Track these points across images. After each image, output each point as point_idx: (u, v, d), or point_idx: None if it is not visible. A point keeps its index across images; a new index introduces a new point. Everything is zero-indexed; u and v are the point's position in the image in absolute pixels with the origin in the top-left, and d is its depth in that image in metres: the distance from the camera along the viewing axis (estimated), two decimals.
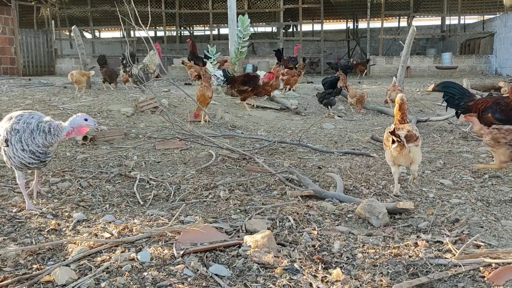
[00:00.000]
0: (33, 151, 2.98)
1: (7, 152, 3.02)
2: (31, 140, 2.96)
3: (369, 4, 18.51)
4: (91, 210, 3.17)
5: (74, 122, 3.04)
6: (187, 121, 6.37)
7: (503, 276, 2.17)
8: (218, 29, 25.52)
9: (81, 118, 3.05)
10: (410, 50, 9.32)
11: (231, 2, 12.90)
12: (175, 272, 2.16)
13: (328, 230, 2.81)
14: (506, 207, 3.33)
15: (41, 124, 2.99)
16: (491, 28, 18.50)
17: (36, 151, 2.99)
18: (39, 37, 19.29)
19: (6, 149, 3.01)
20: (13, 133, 2.96)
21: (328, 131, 6.74)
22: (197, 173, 4.18)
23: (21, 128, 2.96)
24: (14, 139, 2.96)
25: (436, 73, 17.74)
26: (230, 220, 2.96)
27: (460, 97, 5.61)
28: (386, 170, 4.41)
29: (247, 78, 8.26)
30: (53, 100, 8.10)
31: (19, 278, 2.08)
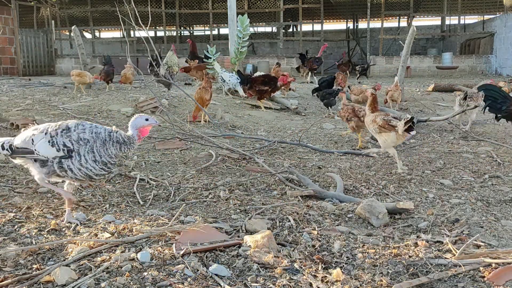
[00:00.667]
0: (105, 162, 2.87)
1: (65, 163, 2.80)
2: (104, 150, 2.85)
3: (369, 4, 18.50)
4: (91, 210, 3.17)
5: (136, 124, 2.98)
6: (187, 121, 6.37)
7: (503, 276, 2.17)
8: (218, 29, 25.52)
9: (141, 119, 2.99)
10: (410, 50, 9.32)
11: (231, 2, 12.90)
12: (175, 272, 2.16)
13: (328, 230, 2.81)
14: (506, 207, 3.33)
15: (113, 134, 2.89)
16: (491, 28, 18.50)
17: (108, 162, 2.89)
18: (39, 37, 19.28)
19: (65, 161, 2.80)
20: (81, 143, 2.80)
21: (328, 131, 6.74)
22: (197, 173, 4.18)
23: (91, 138, 2.82)
24: (83, 149, 2.80)
25: (436, 73, 17.74)
26: (230, 220, 2.96)
27: (503, 101, 5.48)
28: (386, 170, 4.41)
29: (268, 78, 8.40)
30: (53, 100, 8.10)
31: (19, 278, 2.08)
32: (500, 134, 6.30)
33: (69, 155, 2.80)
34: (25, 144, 2.83)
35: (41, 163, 2.84)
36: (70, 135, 2.81)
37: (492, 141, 5.75)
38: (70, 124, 2.87)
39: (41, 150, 2.80)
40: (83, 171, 2.83)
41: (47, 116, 6.48)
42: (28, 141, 2.83)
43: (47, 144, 2.79)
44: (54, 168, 2.82)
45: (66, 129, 2.83)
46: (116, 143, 2.88)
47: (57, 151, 2.79)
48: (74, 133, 2.82)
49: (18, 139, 2.88)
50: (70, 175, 2.84)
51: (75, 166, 2.81)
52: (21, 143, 2.85)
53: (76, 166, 2.81)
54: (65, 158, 2.80)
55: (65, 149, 2.79)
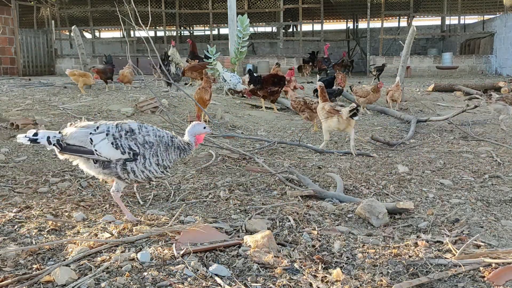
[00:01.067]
0: (166, 166, 2.88)
1: (129, 166, 2.79)
2: (167, 155, 2.86)
3: (369, 4, 18.51)
4: (91, 210, 3.17)
5: (194, 131, 3.00)
6: (187, 121, 6.37)
7: (503, 276, 2.17)
8: (218, 29, 25.53)
9: (200, 126, 3.02)
10: (410, 50, 9.33)
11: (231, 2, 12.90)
12: (175, 272, 2.16)
13: (328, 230, 2.81)
14: (506, 207, 3.33)
15: (174, 139, 2.91)
16: (491, 28, 18.50)
17: (168, 166, 2.90)
18: (39, 37, 19.29)
19: (130, 163, 2.79)
20: (146, 146, 2.80)
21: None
22: (197, 173, 4.18)
23: (155, 142, 2.83)
24: (148, 152, 2.80)
25: (436, 73, 17.75)
26: (230, 220, 2.96)
27: None
28: (386, 170, 4.41)
29: (277, 78, 8.25)
30: (53, 100, 8.10)
31: (19, 278, 2.08)
32: (500, 134, 6.30)
33: (134, 158, 2.79)
34: (81, 142, 2.79)
35: (102, 164, 2.82)
36: (136, 137, 2.80)
37: (492, 141, 5.75)
38: (132, 126, 2.85)
39: (103, 152, 2.76)
40: (145, 173, 2.83)
41: (47, 116, 6.48)
42: (85, 140, 2.78)
43: (110, 146, 2.76)
44: (117, 170, 2.80)
45: (130, 131, 2.81)
46: (177, 149, 2.90)
47: (122, 153, 2.77)
48: (140, 136, 2.81)
49: (69, 136, 2.81)
50: (131, 177, 2.83)
51: (139, 168, 2.80)
52: (74, 141, 2.80)
53: (139, 168, 2.80)
54: (129, 161, 2.79)
55: (130, 152, 2.78)
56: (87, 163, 2.86)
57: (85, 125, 2.86)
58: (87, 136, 2.78)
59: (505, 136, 6.13)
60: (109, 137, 2.77)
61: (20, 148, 4.99)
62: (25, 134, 2.82)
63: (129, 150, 2.77)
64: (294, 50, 22.33)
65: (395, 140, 5.76)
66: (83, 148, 2.78)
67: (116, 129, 2.80)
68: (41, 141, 2.78)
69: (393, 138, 6.10)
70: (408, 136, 6.04)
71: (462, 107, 7.35)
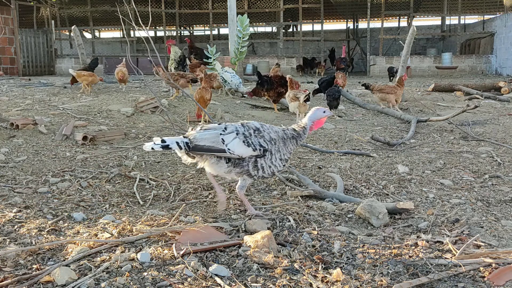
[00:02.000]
0: (286, 158, 3.05)
1: (259, 162, 2.94)
2: (285, 148, 3.01)
3: (369, 4, 18.51)
4: (91, 210, 3.17)
5: (315, 116, 3.12)
6: (187, 121, 6.37)
7: (503, 276, 2.17)
8: (218, 29, 25.54)
9: (320, 111, 3.14)
10: (410, 50, 9.32)
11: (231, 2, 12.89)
12: (175, 272, 2.16)
13: (328, 230, 2.81)
14: (506, 207, 3.33)
15: (286, 131, 3.05)
16: (491, 28, 18.51)
17: (288, 158, 3.08)
18: (39, 37, 19.29)
19: (260, 160, 2.94)
20: (272, 142, 2.96)
21: (328, 131, 6.73)
22: (197, 173, 4.18)
23: (277, 138, 2.98)
24: (274, 148, 2.96)
25: (436, 73, 17.75)
26: (230, 220, 2.96)
27: None
28: (386, 170, 4.41)
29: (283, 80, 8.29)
30: (53, 100, 8.10)
31: (19, 278, 2.08)
32: (500, 134, 6.30)
33: (263, 155, 2.93)
34: (212, 143, 2.91)
35: (233, 163, 2.95)
36: (263, 135, 2.96)
37: (492, 141, 5.75)
38: (256, 125, 3.01)
39: (236, 150, 2.90)
40: (271, 168, 2.98)
41: (47, 116, 6.48)
42: (217, 141, 2.90)
43: (242, 144, 2.90)
44: (248, 167, 2.95)
45: (256, 130, 2.97)
46: (292, 139, 3.03)
47: (253, 150, 2.91)
48: (265, 133, 2.97)
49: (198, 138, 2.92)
50: (260, 173, 2.98)
51: (267, 164, 2.96)
52: (204, 142, 2.91)
53: (267, 164, 2.96)
54: (259, 157, 2.94)
55: (261, 149, 2.92)
56: (217, 164, 2.98)
57: (211, 127, 3.01)
58: (218, 137, 2.92)
59: (505, 136, 6.13)
60: (239, 136, 2.92)
61: (20, 148, 4.99)
62: (153, 142, 2.92)
63: (260, 147, 2.92)
64: (294, 50, 22.34)
65: (395, 140, 5.76)
66: (215, 147, 2.91)
67: (244, 129, 2.96)
68: (172, 146, 2.90)
69: (393, 138, 6.10)
70: (408, 136, 6.03)
71: (462, 107, 7.35)
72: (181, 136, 2.98)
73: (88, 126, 6.10)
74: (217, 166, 2.98)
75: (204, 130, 2.98)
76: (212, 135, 2.93)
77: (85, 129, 5.91)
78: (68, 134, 5.52)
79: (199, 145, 2.90)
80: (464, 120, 7.24)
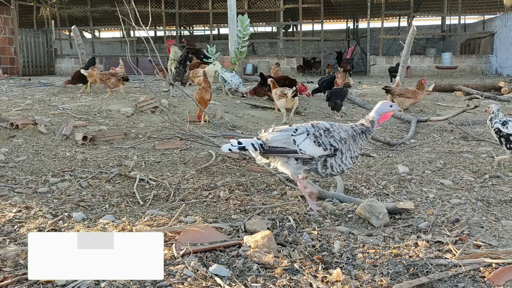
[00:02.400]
0: (356, 156, 3.13)
1: (329, 161, 3.03)
2: (356, 145, 3.09)
3: (369, 4, 18.51)
4: (91, 210, 3.17)
5: (382, 110, 3.18)
6: (186, 121, 6.37)
7: (503, 276, 2.17)
8: (218, 29, 25.54)
9: (386, 105, 3.20)
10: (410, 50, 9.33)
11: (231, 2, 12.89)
12: (175, 272, 2.16)
13: (328, 230, 2.81)
14: (506, 207, 3.33)
15: (354, 127, 3.12)
16: (491, 28, 18.51)
17: (358, 155, 3.17)
18: (39, 37, 19.29)
19: (330, 159, 3.02)
20: (342, 142, 3.04)
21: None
22: (197, 173, 4.18)
23: (347, 136, 3.05)
24: (345, 148, 3.04)
25: (436, 73, 17.75)
26: (230, 220, 2.96)
27: None
28: (386, 170, 4.41)
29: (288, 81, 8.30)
30: (53, 100, 8.10)
31: (19, 278, 2.07)
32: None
33: (334, 154, 3.02)
34: (284, 144, 3.04)
35: (303, 161, 3.06)
36: (333, 135, 3.04)
37: (492, 141, 5.74)
38: (326, 125, 3.10)
39: (307, 150, 3.01)
40: (341, 167, 3.08)
41: (47, 116, 6.48)
42: (289, 142, 3.03)
43: (313, 144, 3.01)
44: (317, 166, 3.05)
45: (326, 130, 3.05)
46: (361, 134, 3.10)
47: (324, 150, 3.01)
48: (335, 133, 3.05)
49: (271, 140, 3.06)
50: (328, 171, 3.08)
51: (336, 163, 3.05)
52: (277, 143, 3.05)
53: (337, 163, 3.05)
54: (330, 157, 3.02)
55: (332, 148, 3.01)
56: (286, 163, 3.11)
57: (282, 129, 3.13)
58: (289, 138, 3.04)
59: None
60: (310, 136, 3.02)
61: (20, 148, 4.99)
62: (230, 144, 3.07)
63: (330, 147, 3.01)
64: (294, 50, 22.34)
65: (395, 140, 5.76)
66: (287, 148, 3.04)
67: (314, 129, 3.06)
68: (248, 148, 3.06)
69: (393, 138, 6.09)
70: (408, 136, 6.03)
71: (462, 107, 7.35)
72: (255, 138, 3.12)
73: (88, 126, 6.09)
74: (287, 164, 3.11)
75: (276, 131, 3.10)
76: (283, 137, 3.05)
77: (85, 129, 5.91)
78: (68, 134, 5.52)
79: (272, 147, 3.04)
80: (464, 120, 7.24)
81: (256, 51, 23.58)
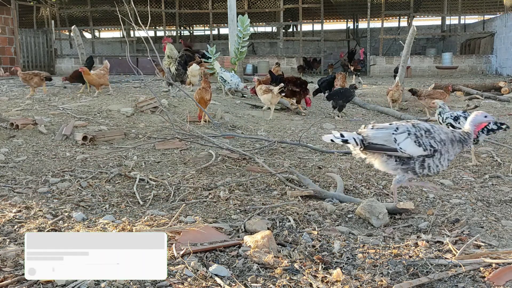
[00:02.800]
0: (451, 159, 3.14)
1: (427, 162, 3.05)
2: (452, 149, 3.09)
3: (369, 4, 18.50)
4: (91, 210, 3.17)
5: (476, 121, 3.18)
6: (186, 121, 6.37)
7: (503, 276, 2.17)
8: (218, 29, 25.52)
9: (481, 116, 3.20)
10: (410, 50, 9.32)
11: (231, 2, 12.90)
12: (175, 272, 2.16)
13: (328, 230, 2.81)
14: (507, 207, 3.33)
15: (455, 133, 3.13)
16: (491, 28, 18.50)
17: (452, 160, 3.17)
18: (39, 37, 19.28)
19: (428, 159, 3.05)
20: (442, 143, 3.05)
21: (328, 131, 6.73)
22: (197, 173, 4.18)
23: (446, 139, 3.06)
24: (444, 149, 3.06)
25: (436, 73, 17.74)
26: (230, 220, 2.96)
27: None
28: None
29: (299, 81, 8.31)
30: (52, 100, 8.10)
31: (19, 278, 2.07)
32: (500, 134, 6.29)
33: (432, 155, 3.04)
34: (384, 141, 3.05)
35: (401, 160, 3.08)
36: (434, 136, 3.05)
37: (492, 141, 5.74)
38: (427, 126, 3.11)
39: (407, 149, 3.02)
40: (438, 168, 3.09)
41: (47, 116, 6.48)
42: (389, 140, 3.04)
43: (414, 144, 3.02)
44: (414, 165, 3.07)
45: (427, 131, 3.06)
46: (459, 142, 3.10)
47: (424, 150, 3.03)
48: (436, 135, 3.06)
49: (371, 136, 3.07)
50: (424, 172, 3.10)
51: (434, 163, 3.06)
52: (377, 140, 3.06)
53: (435, 163, 3.06)
54: (428, 157, 3.05)
55: (431, 149, 3.03)
56: (386, 162, 3.13)
57: (383, 127, 3.13)
58: (390, 136, 3.05)
59: (505, 136, 6.12)
60: (411, 136, 3.03)
61: (20, 148, 4.99)
62: (333, 135, 3.11)
63: (430, 147, 3.02)
64: (294, 50, 22.33)
65: None
66: (387, 146, 3.05)
67: (415, 129, 3.06)
68: (350, 141, 3.08)
69: None
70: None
71: (462, 107, 7.35)
72: (355, 133, 3.14)
73: (88, 126, 6.09)
74: (386, 163, 3.13)
75: (376, 128, 3.12)
76: (384, 134, 3.07)
77: (85, 129, 5.91)
78: (68, 134, 5.52)
79: (372, 143, 3.06)
80: None
81: (256, 51, 23.57)
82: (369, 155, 3.17)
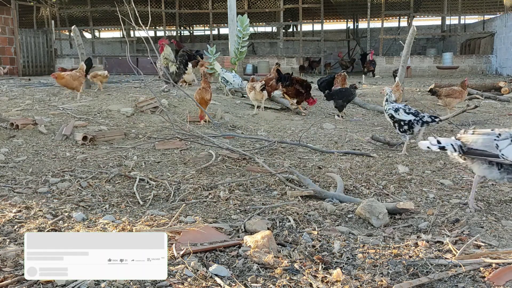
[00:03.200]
0: None
1: None
2: None
3: (369, 4, 18.50)
4: (91, 210, 3.17)
5: None
6: (187, 121, 6.37)
7: (503, 276, 2.17)
8: (218, 29, 25.53)
9: None
10: (410, 50, 9.31)
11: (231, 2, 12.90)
12: (175, 272, 2.16)
13: (328, 230, 2.81)
14: (506, 207, 3.33)
15: None
16: (491, 28, 18.50)
17: None
18: (39, 37, 19.28)
19: None
20: None
21: (328, 131, 6.73)
22: (197, 173, 4.18)
23: None
24: None
25: (436, 73, 17.73)
26: (230, 220, 2.96)
27: None
28: (386, 170, 4.41)
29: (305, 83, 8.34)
30: (52, 100, 8.10)
31: (19, 278, 2.07)
32: None
33: None
34: (485, 147, 3.02)
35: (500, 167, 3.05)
36: None
37: None
38: None
39: (510, 156, 2.98)
40: None
41: (47, 116, 6.48)
42: (491, 146, 3.01)
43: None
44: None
45: None
46: None
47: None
48: None
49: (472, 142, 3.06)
50: None
51: None
52: (477, 146, 3.05)
53: None
54: None
55: None
56: (488, 169, 3.10)
57: (484, 132, 3.11)
58: (492, 142, 3.01)
59: None
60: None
61: (20, 148, 4.99)
62: (429, 142, 3.14)
63: None
64: (294, 50, 22.33)
65: (395, 140, 5.76)
66: (488, 152, 3.02)
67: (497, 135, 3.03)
68: (447, 148, 3.11)
69: (393, 138, 6.09)
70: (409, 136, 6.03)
71: (462, 107, 7.35)
72: (453, 138, 3.14)
73: (88, 126, 6.09)
74: (488, 171, 3.10)
75: (477, 134, 3.11)
76: (486, 140, 3.03)
77: (85, 129, 5.91)
78: (68, 134, 5.52)
79: (472, 149, 3.04)
80: (464, 120, 7.24)
81: (256, 51, 23.56)
82: (468, 161, 3.17)
